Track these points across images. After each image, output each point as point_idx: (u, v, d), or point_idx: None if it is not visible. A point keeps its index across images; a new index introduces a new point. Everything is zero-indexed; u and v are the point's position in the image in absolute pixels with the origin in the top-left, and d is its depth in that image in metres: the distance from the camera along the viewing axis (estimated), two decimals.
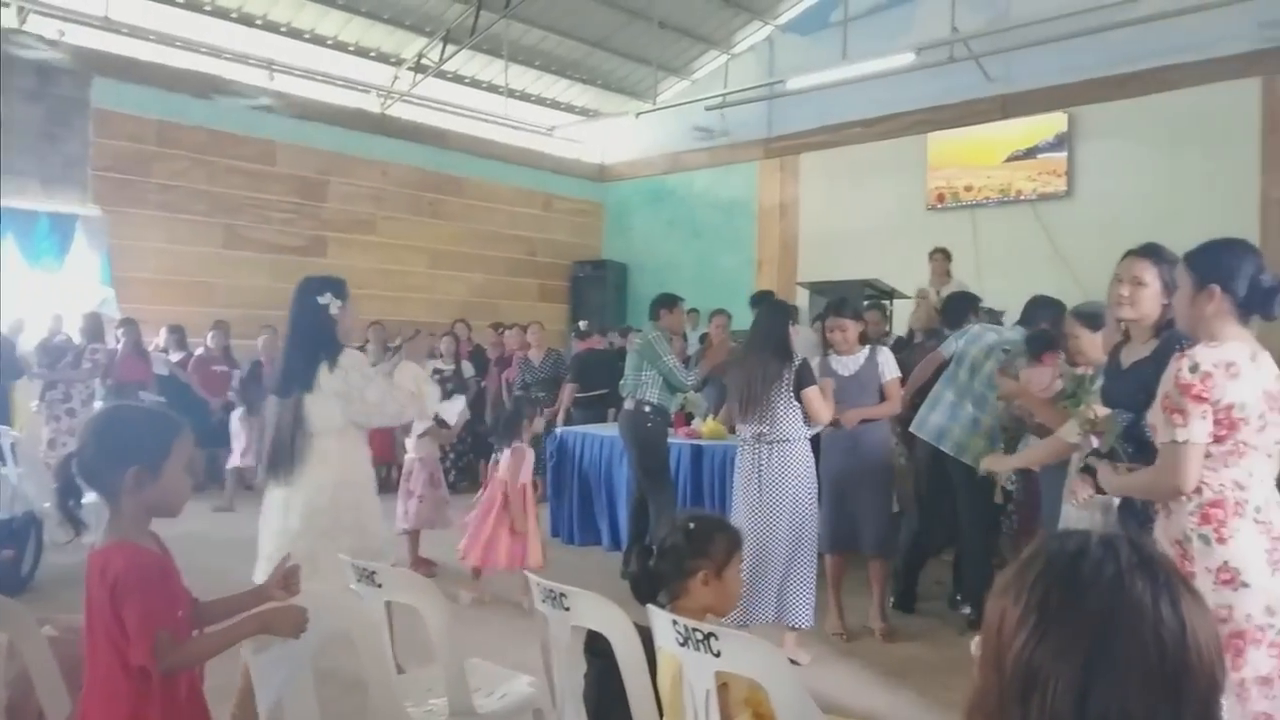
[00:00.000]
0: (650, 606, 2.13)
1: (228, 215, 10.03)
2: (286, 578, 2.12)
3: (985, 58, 9.50)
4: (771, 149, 11.93)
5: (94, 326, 8.22)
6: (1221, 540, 2.29)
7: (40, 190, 8.80)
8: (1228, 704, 2.29)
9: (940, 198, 10.38)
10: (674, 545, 2.22)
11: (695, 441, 5.91)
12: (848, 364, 4.55)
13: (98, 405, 8.08)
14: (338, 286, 3.59)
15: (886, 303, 7.91)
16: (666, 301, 5.76)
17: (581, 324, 9.09)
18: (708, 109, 11.71)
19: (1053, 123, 9.55)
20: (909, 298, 8.21)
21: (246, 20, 9.73)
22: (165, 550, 1.92)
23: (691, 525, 2.24)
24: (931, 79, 9.80)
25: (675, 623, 2.02)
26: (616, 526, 6.28)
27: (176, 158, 9.66)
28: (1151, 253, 2.84)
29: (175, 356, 8.71)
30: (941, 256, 8.46)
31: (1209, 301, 2.35)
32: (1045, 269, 9.36)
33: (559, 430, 7.00)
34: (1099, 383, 3.07)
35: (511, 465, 5.02)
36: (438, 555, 5.92)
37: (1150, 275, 2.77)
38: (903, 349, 6.25)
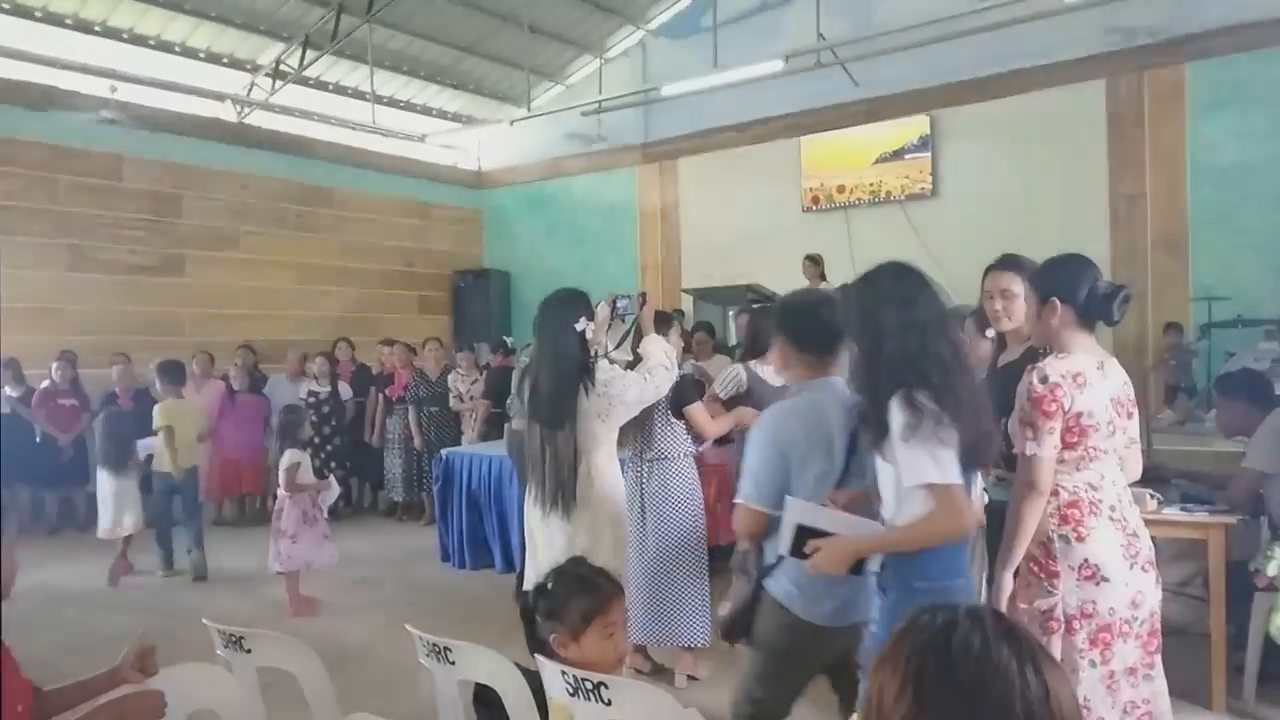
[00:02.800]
0: (538, 656, 2.03)
1: (72, 235, 9.30)
2: (141, 658, 1.92)
3: (851, 63, 9.75)
4: (649, 153, 11.95)
5: None
6: (1080, 539, 2.43)
7: None
8: (1097, 696, 2.37)
9: (815, 199, 10.61)
10: (533, 603, 2.10)
11: None
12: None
13: None
14: (587, 306, 3.41)
15: (766, 306, 8.01)
16: None
17: (507, 339, 8.87)
18: (584, 114, 11.63)
19: (917, 125, 9.90)
20: None
21: (84, 27, 9.05)
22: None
23: (549, 585, 2.11)
24: (801, 83, 10.01)
25: (564, 673, 1.93)
26: (509, 547, 6.11)
27: (11, 176, 8.89)
28: (1012, 264, 2.95)
29: (14, 392, 8.03)
30: (811, 263, 8.70)
31: (1053, 315, 2.50)
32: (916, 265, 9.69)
33: (444, 452, 6.77)
34: None
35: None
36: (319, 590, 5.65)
37: (1017, 285, 2.88)
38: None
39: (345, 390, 8.80)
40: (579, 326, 3.32)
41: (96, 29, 9.16)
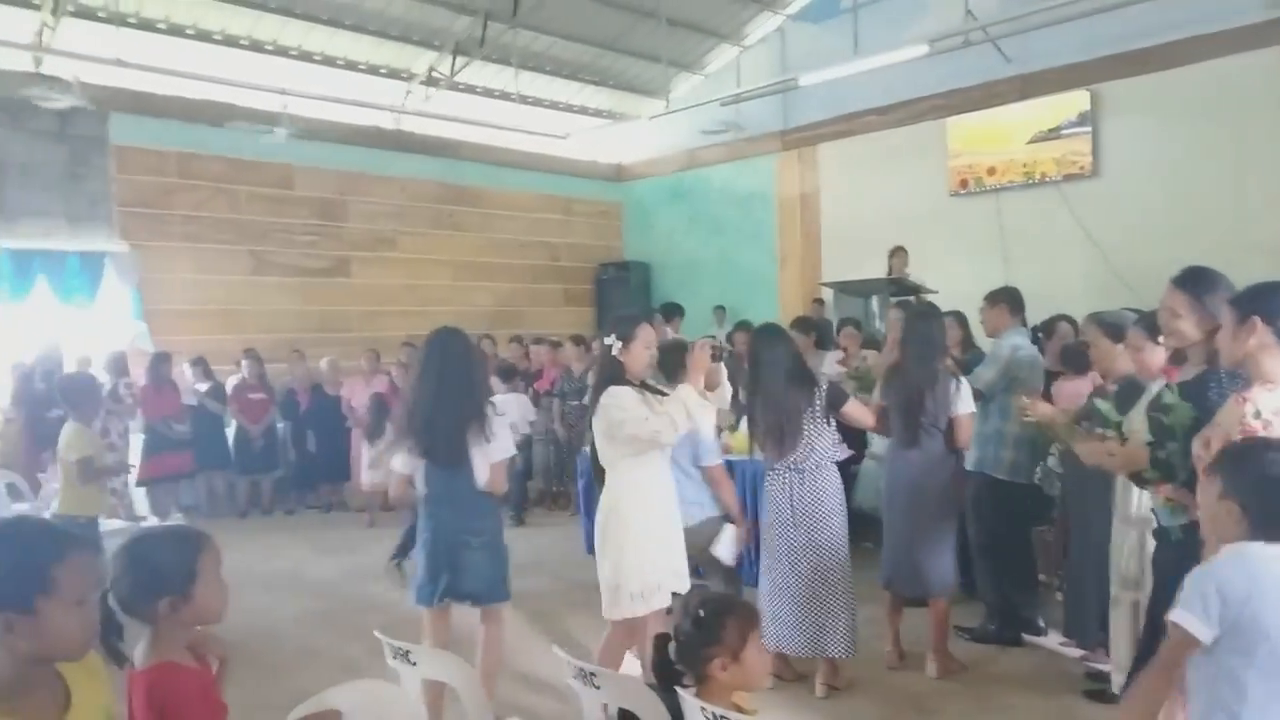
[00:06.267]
0: (679, 690, 2.14)
1: (252, 242, 10.15)
2: None
3: (1002, 39, 9.31)
4: (788, 140, 11.82)
5: (119, 363, 8.39)
6: None
7: (68, 230, 8.95)
8: None
9: (963, 183, 10.23)
10: (686, 635, 2.17)
11: (726, 457, 5.85)
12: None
13: (134, 438, 8.28)
14: (622, 325, 3.50)
15: (914, 299, 7.82)
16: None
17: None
18: (722, 105, 11.61)
19: (1075, 101, 9.36)
20: (934, 292, 8.11)
21: (257, 46, 9.78)
22: (204, 663, 1.95)
23: (701, 612, 2.18)
24: (948, 62, 9.63)
25: (704, 709, 2.03)
26: None
27: (198, 188, 9.78)
28: (1186, 284, 2.80)
29: (203, 386, 8.84)
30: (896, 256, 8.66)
31: (1250, 334, 2.36)
32: (1074, 251, 9.23)
33: (588, 449, 6.99)
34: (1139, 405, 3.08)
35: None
36: None
37: (1184, 308, 2.76)
38: None
39: (494, 384, 9.20)
40: (607, 341, 3.46)
41: (268, 48, 9.88)
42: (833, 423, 4.13)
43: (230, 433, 8.94)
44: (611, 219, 13.86)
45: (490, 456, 3.56)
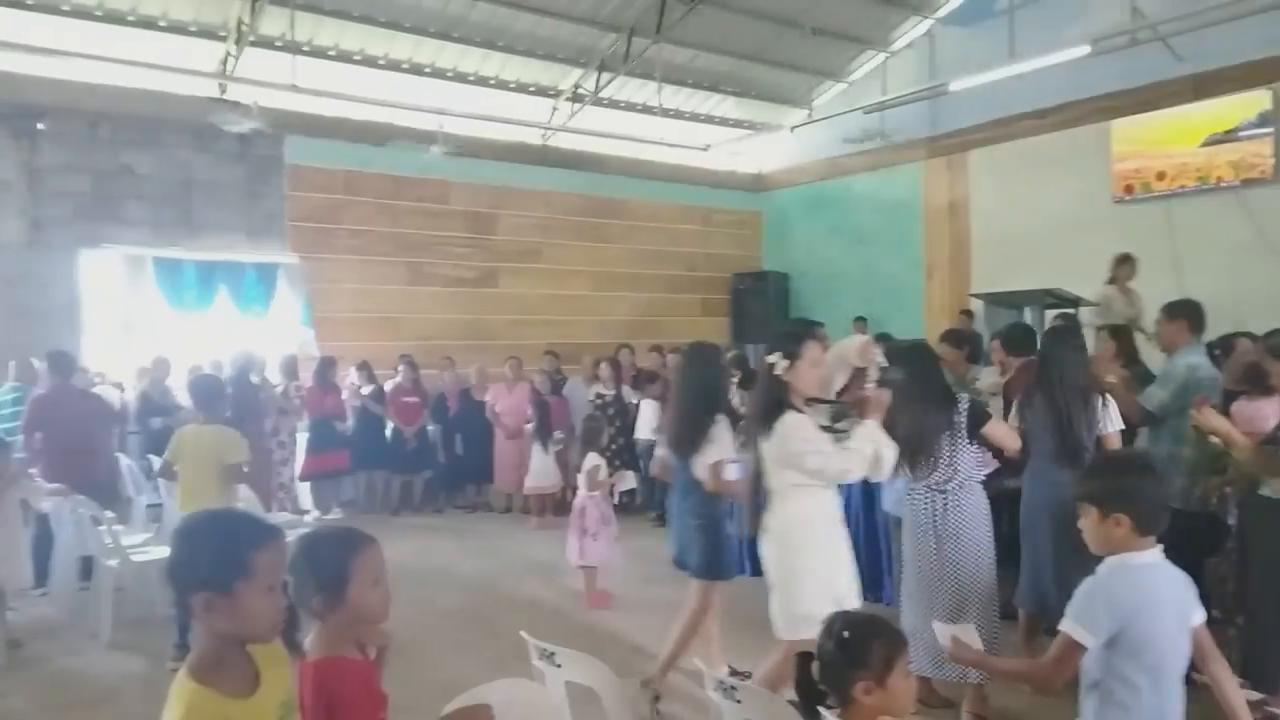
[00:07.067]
0: (822, 711, 2.12)
1: (410, 253, 10.72)
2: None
3: (1172, 37, 8.74)
4: (936, 147, 11.48)
5: (291, 366, 9.01)
6: None
7: (246, 243, 9.72)
8: None
9: (1128, 188, 9.65)
10: (829, 657, 2.11)
11: None
12: None
13: (301, 438, 8.87)
14: (787, 341, 3.34)
15: (1072, 312, 7.43)
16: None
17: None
18: (866, 112, 11.39)
19: (1255, 101, 8.68)
20: (1095, 305, 7.68)
21: (417, 69, 10.33)
22: (367, 656, 2.08)
23: (845, 634, 2.11)
24: (1112, 61, 9.13)
25: None
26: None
27: (363, 204, 10.41)
28: None
29: (366, 390, 9.36)
30: (1122, 264, 7.69)
31: None
32: (1253, 261, 8.55)
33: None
34: None
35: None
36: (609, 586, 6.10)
37: None
38: None
39: (629, 393, 9.33)
40: (769, 359, 3.31)
41: (427, 70, 10.42)
42: (975, 442, 3.99)
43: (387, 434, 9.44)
44: (750, 229, 13.83)
45: (705, 457, 4.08)
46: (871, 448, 3.28)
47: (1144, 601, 2.18)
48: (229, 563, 1.63)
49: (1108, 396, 4.17)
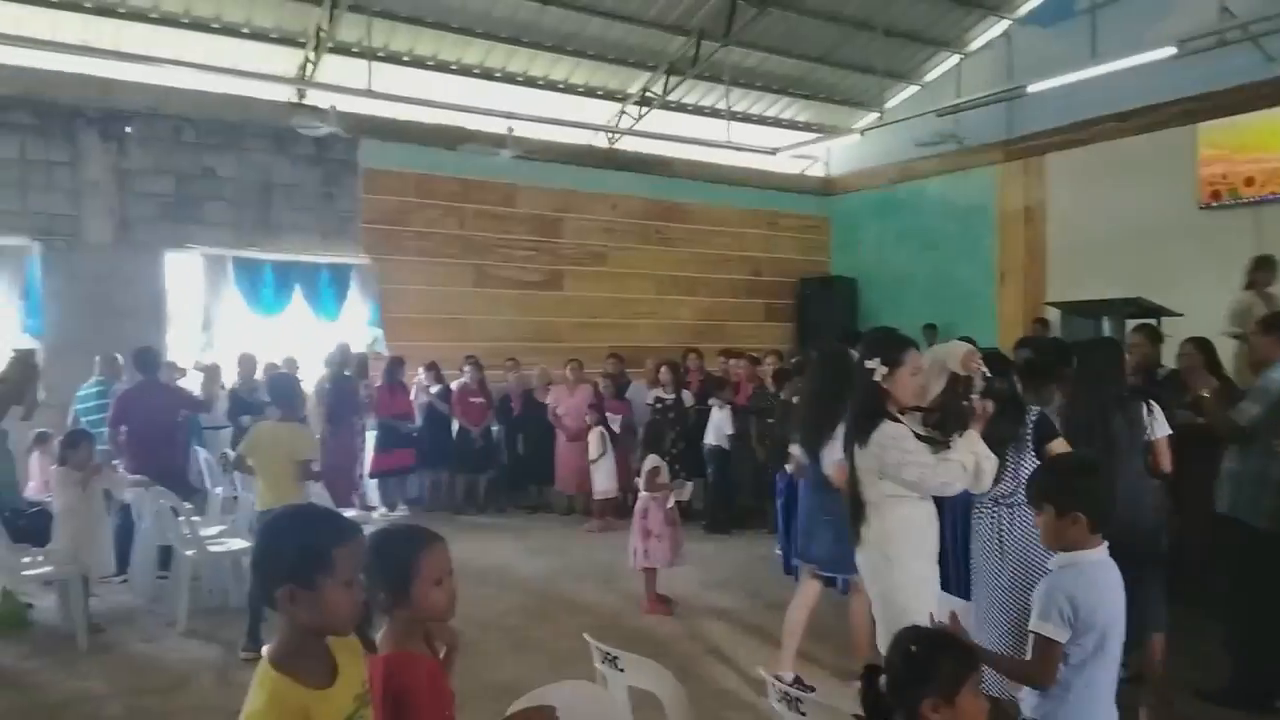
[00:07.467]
0: None
1: (477, 256, 10.87)
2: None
3: (1264, 37, 8.38)
4: (1012, 151, 11.20)
5: (363, 365, 9.20)
6: None
7: (320, 245, 9.96)
8: None
9: (1215, 194, 9.28)
10: (897, 673, 2.05)
11: None
12: None
13: (369, 434, 9.05)
14: (887, 348, 3.26)
15: (1154, 323, 7.15)
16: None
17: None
18: (940, 115, 11.17)
19: None
20: (1180, 315, 7.39)
21: (487, 74, 10.47)
22: (435, 652, 2.10)
23: (912, 648, 2.06)
24: (1199, 62, 8.78)
25: None
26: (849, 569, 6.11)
27: (432, 207, 10.60)
28: None
29: (433, 389, 9.51)
30: (1261, 269, 7.06)
31: None
32: None
33: (788, 468, 6.91)
34: None
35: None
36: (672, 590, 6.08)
37: None
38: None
39: (688, 398, 9.28)
40: (868, 364, 3.22)
41: (497, 75, 10.55)
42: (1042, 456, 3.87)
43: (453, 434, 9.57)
44: (817, 233, 13.68)
45: (832, 454, 4.12)
46: (973, 459, 3.18)
47: (1099, 595, 2.40)
48: (311, 557, 1.67)
49: (1152, 403, 4.10)
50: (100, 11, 8.39)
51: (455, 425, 9.43)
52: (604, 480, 8.56)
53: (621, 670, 2.63)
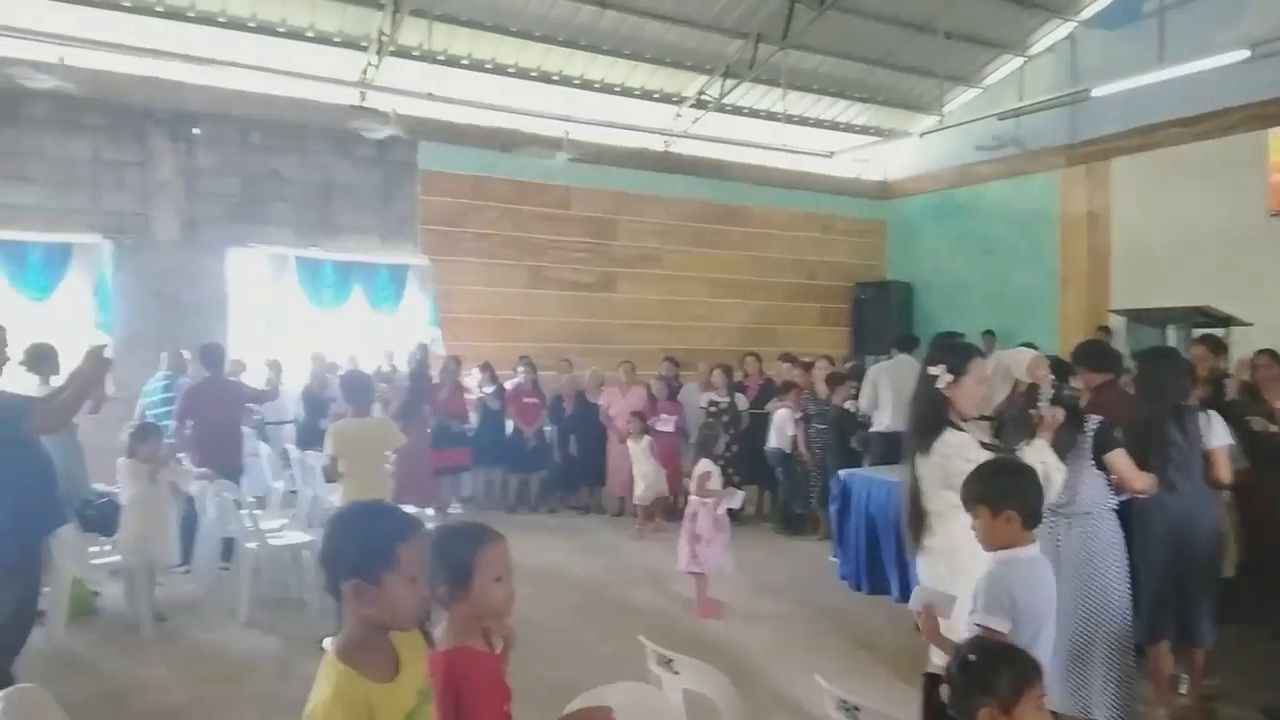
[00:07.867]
0: None
1: (531, 257, 10.97)
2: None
3: None
4: (1075, 155, 10.96)
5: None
6: None
7: (380, 245, 10.14)
8: None
9: None
10: (957, 682, 2.03)
11: None
12: None
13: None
14: (953, 355, 3.18)
15: (1221, 333, 6.95)
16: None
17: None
18: (1001, 119, 10.98)
19: None
20: (1249, 324, 7.17)
21: (544, 77, 10.57)
22: (493, 648, 2.12)
23: (971, 657, 2.03)
24: (1269, 67, 8.53)
25: None
26: (908, 578, 6.03)
27: (488, 209, 10.72)
28: None
29: (488, 389, 9.61)
30: None
31: None
32: None
33: (842, 474, 6.85)
34: None
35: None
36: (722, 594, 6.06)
37: None
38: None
39: (742, 401, 9.23)
40: (932, 371, 3.15)
41: (554, 78, 10.63)
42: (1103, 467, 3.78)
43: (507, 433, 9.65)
44: (873, 237, 13.53)
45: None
46: (1041, 469, 3.10)
47: (1034, 591, 2.52)
48: (376, 553, 1.70)
49: (1211, 411, 4.03)
50: (170, 15, 8.64)
51: (509, 425, 9.51)
52: (645, 487, 8.52)
53: (677, 673, 2.63)
